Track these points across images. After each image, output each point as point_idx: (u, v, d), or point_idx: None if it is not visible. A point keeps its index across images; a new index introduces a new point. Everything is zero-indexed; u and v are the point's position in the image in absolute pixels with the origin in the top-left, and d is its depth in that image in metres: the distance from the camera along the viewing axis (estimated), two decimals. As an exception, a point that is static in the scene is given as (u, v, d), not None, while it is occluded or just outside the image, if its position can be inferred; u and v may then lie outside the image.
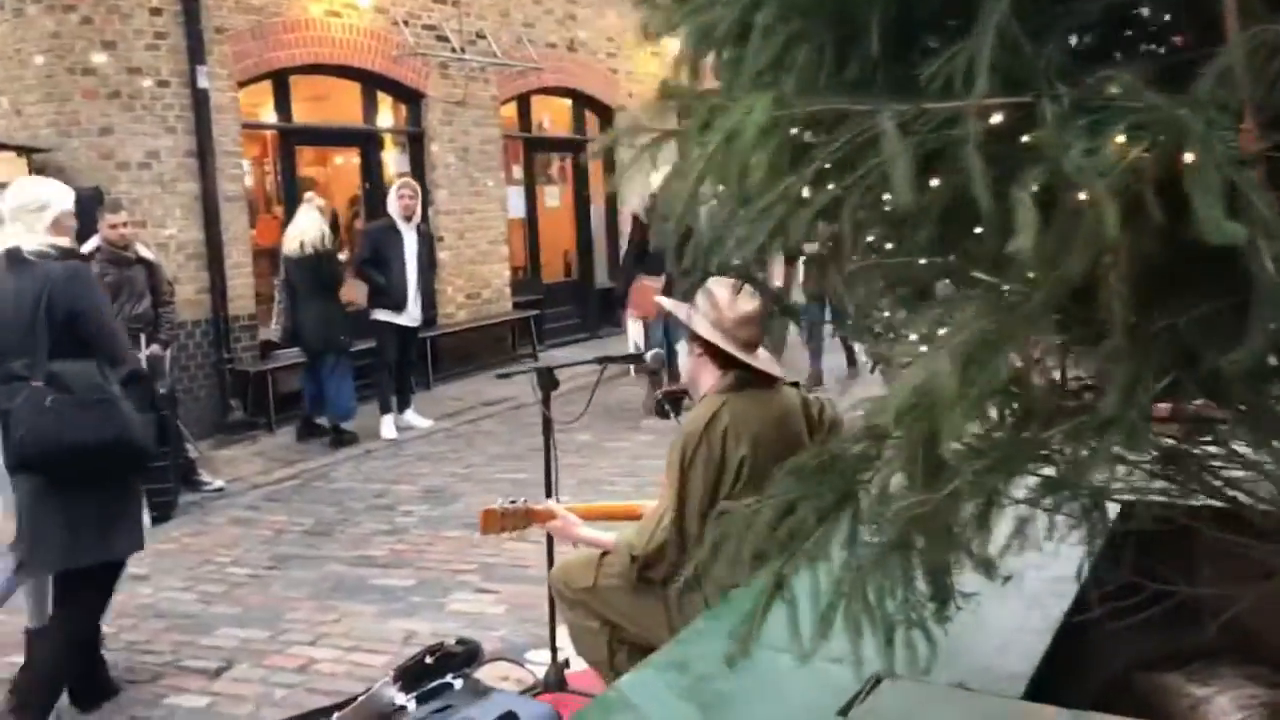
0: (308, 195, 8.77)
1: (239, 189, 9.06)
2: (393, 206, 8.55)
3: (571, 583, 3.16)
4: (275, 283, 8.65)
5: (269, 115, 9.73)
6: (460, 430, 9.14)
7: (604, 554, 3.16)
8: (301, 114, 9.96)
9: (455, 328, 11.14)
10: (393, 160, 10.88)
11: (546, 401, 3.64)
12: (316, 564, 5.72)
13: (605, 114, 13.55)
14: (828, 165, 1.25)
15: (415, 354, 9.46)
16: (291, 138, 9.79)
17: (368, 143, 10.64)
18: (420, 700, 3.61)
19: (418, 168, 10.90)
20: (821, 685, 2.20)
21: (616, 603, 3.07)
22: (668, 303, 3.26)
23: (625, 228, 13.68)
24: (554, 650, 3.81)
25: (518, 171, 12.44)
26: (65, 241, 3.80)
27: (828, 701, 2.10)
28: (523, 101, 12.39)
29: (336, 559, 5.79)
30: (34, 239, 3.70)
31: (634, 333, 9.51)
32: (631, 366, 9.39)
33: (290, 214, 8.85)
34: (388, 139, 10.94)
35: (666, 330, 8.51)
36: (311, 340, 8.35)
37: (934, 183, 1.34)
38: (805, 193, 1.31)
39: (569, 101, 13.20)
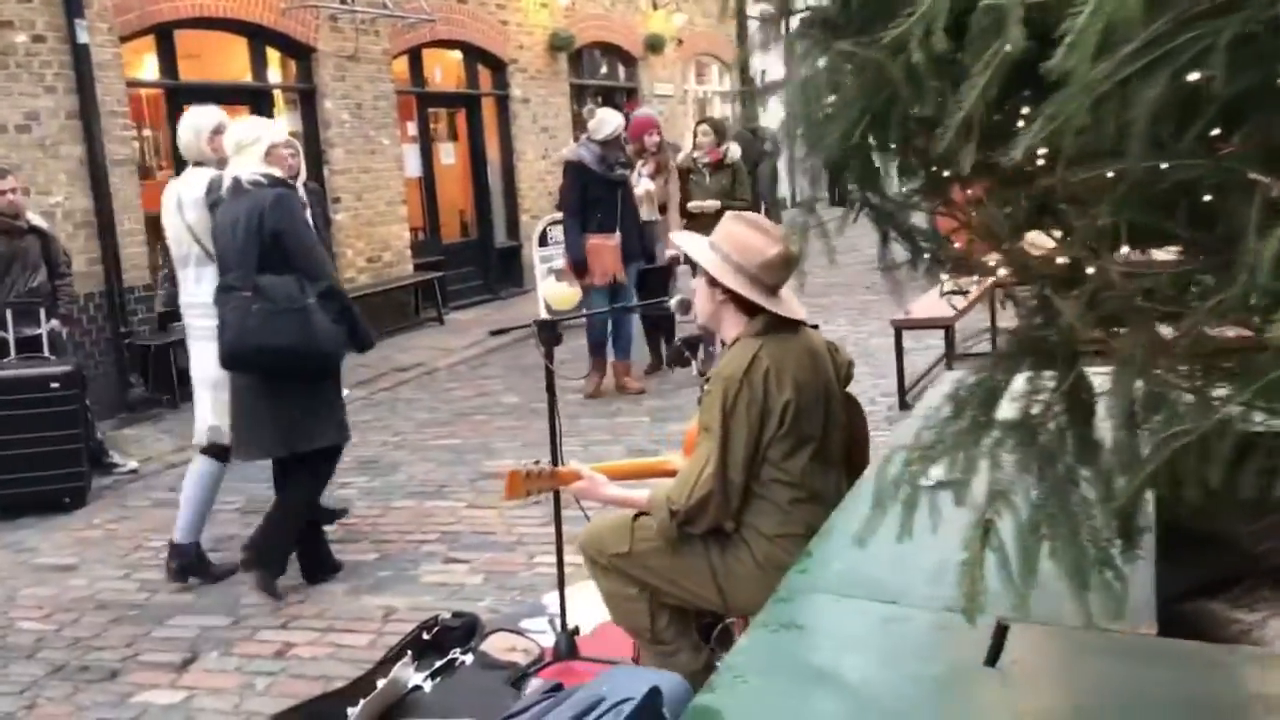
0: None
1: (128, 151, 8.49)
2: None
3: (605, 549, 2.97)
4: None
5: (153, 73, 9.13)
6: (379, 398, 8.80)
7: (637, 515, 2.98)
8: (188, 71, 9.37)
9: (357, 292, 10.65)
10: (285, 119, 10.35)
11: (550, 356, 3.44)
12: (262, 543, 5.40)
13: (497, 67, 13.18)
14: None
15: (325, 320, 9.07)
16: (179, 96, 9.18)
17: (258, 100, 10.07)
18: (431, 678, 3.42)
19: (310, 126, 10.41)
20: (948, 636, 2.10)
21: (656, 565, 2.90)
22: (686, 245, 3.01)
23: (525, 185, 13.44)
24: (564, 617, 3.64)
25: (412, 128, 12.00)
26: (277, 171, 4.48)
27: (966, 654, 1.99)
28: (414, 56, 11.94)
29: (283, 537, 5.47)
30: (250, 169, 4.35)
31: (544, 291, 9.14)
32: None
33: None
34: (279, 96, 10.41)
35: (614, 295, 7.52)
36: None
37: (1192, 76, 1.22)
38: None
39: (460, 55, 12.78)
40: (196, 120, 4.82)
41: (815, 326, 3.20)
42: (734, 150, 8.68)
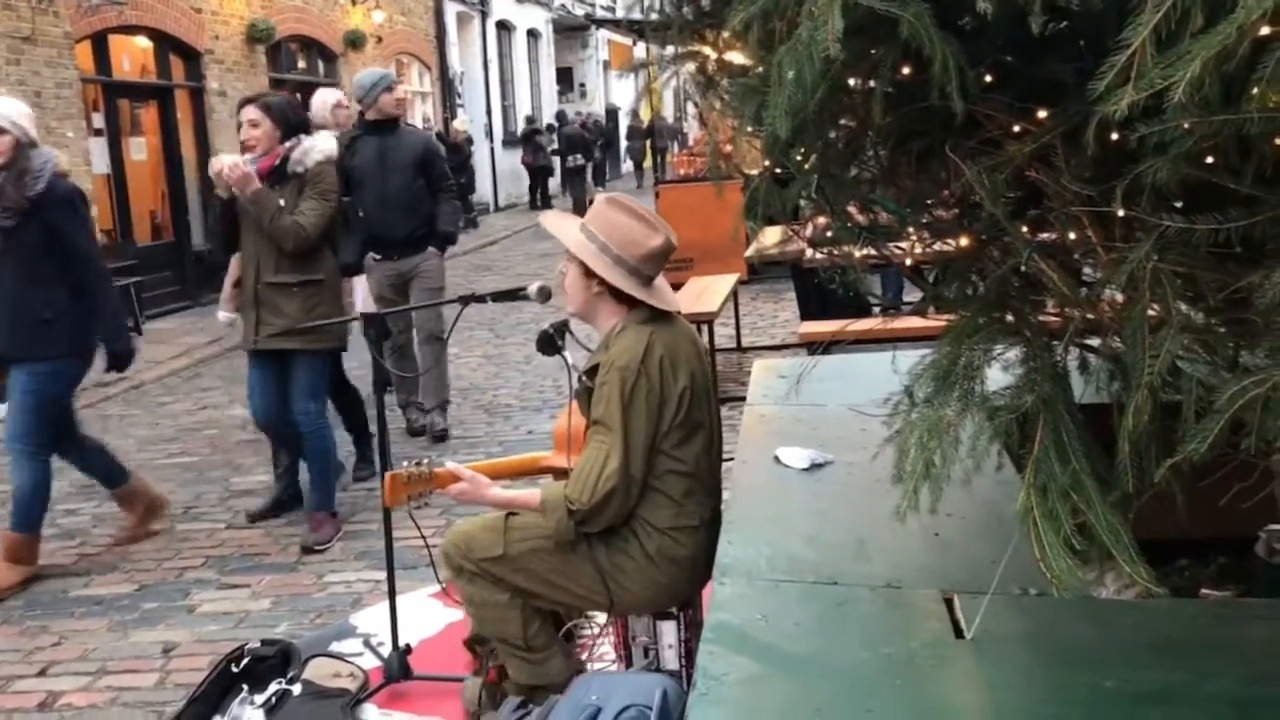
0: None
1: None
2: None
3: (474, 553, 2.75)
4: None
5: None
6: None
7: (509, 515, 2.80)
8: None
9: (42, 300, 9.62)
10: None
11: (381, 351, 3.17)
12: (-17, 583, 4.69)
13: (191, 57, 12.27)
14: None
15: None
16: None
17: (-84, 83, 8.87)
18: (265, 713, 3.09)
19: (-18, 114, 9.24)
20: (904, 613, 2.09)
21: (536, 567, 2.72)
22: (556, 230, 2.81)
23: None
24: (395, 634, 3.38)
25: (99, 121, 10.93)
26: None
27: (931, 628, 1.99)
28: (99, 41, 10.89)
29: (8, 574, 4.79)
30: None
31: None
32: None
33: None
34: (-60, 80, 9.20)
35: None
36: None
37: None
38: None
39: (151, 43, 11.78)
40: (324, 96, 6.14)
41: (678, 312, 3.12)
42: (315, 152, 4.74)
